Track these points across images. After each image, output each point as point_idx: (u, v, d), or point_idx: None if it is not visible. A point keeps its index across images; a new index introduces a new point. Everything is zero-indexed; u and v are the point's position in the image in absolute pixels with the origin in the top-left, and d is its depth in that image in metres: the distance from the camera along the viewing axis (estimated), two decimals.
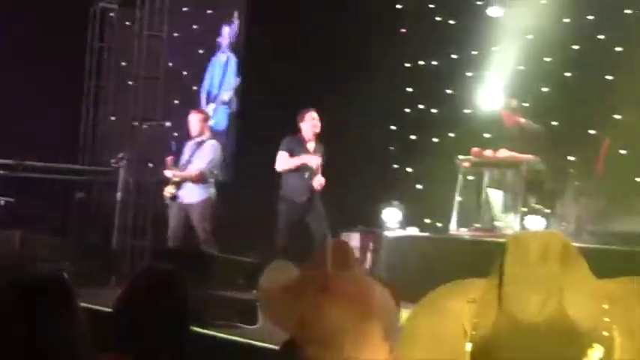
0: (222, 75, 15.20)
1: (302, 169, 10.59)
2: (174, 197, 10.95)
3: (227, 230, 12.06)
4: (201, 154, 11.02)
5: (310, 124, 10.52)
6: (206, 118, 11.52)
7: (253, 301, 7.39)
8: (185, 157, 11.16)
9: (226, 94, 15.06)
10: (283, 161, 10.57)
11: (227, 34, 15.16)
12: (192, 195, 10.90)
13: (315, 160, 10.54)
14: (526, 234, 1.71)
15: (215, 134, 12.08)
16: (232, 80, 15.04)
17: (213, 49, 15.33)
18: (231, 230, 12.43)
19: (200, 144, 11.10)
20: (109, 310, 3.31)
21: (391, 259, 10.51)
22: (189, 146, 11.27)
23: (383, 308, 2.36)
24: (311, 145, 10.59)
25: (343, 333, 2.32)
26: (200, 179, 10.91)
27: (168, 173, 11.08)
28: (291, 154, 10.57)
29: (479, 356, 1.53)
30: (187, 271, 7.29)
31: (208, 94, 15.27)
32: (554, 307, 1.47)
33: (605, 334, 1.50)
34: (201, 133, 11.19)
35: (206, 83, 15.34)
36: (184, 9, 14.97)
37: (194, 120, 11.30)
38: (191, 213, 10.86)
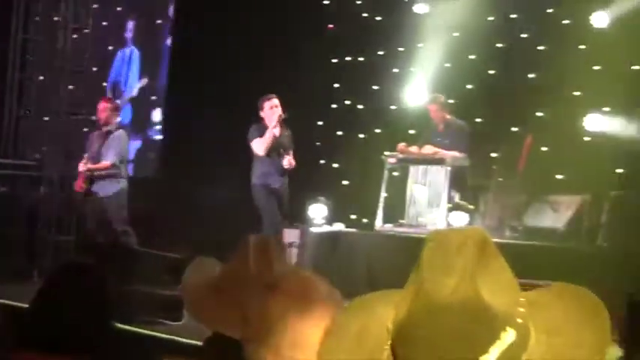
0: (127, 70, 15.18)
1: (272, 153, 10.38)
2: (88, 192, 10.82)
3: (152, 225, 11.99)
4: (110, 145, 10.84)
5: (270, 112, 10.25)
6: (114, 108, 11.31)
7: (178, 297, 7.33)
8: (94, 148, 11.00)
9: (131, 90, 15.01)
10: (259, 145, 10.29)
11: (132, 28, 15.15)
12: (105, 188, 10.76)
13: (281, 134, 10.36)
14: (447, 229, 1.77)
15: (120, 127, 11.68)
16: (136, 75, 15.00)
17: (121, 44, 15.36)
18: (156, 225, 12.36)
19: (107, 134, 10.93)
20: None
21: (317, 254, 10.53)
22: (96, 137, 11.12)
23: (328, 308, 2.33)
24: (276, 131, 10.32)
25: (284, 331, 2.31)
26: (111, 171, 10.77)
27: (81, 167, 10.96)
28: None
29: (396, 339, 1.55)
30: (110, 266, 7.24)
31: (114, 89, 15.23)
32: (468, 290, 1.52)
33: (520, 321, 1.53)
34: (107, 122, 10.98)
35: (111, 78, 15.33)
36: (94, 5, 14.89)
37: (102, 109, 11.14)
38: (107, 206, 10.73)
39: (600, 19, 10.89)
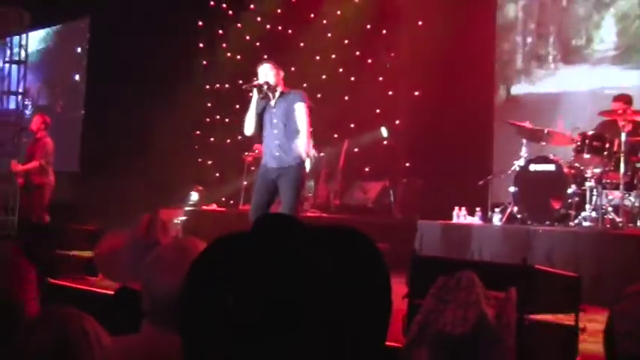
0: None
1: (267, 127, 6.95)
2: (22, 184, 10.45)
3: (78, 207, 11.76)
4: (37, 149, 10.36)
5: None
6: (44, 121, 10.68)
7: (94, 258, 7.20)
8: (27, 152, 10.58)
9: None
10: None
11: None
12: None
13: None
14: None
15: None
16: None
17: None
18: (80, 207, 12.11)
19: (36, 141, 10.43)
20: None
21: (196, 228, 10.44)
22: (29, 142, 10.69)
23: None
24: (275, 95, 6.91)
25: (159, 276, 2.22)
26: (38, 170, 10.15)
27: (14, 167, 10.56)
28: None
29: None
30: (45, 237, 7.04)
31: None
32: None
33: None
34: (37, 131, 10.48)
35: None
36: None
37: (34, 120, 10.67)
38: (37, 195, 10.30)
39: (392, 60, 11.20)
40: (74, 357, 1.63)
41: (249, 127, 7.06)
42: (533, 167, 8.03)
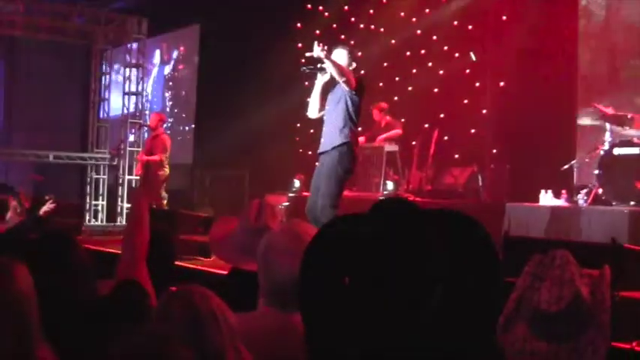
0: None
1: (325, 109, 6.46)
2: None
3: (192, 196, 12.03)
4: (156, 144, 10.62)
5: None
6: (161, 118, 10.95)
7: (208, 242, 7.33)
8: (146, 147, 10.90)
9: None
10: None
11: None
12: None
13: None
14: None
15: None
16: None
17: None
18: (195, 196, 12.40)
19: (155, 137, 10.68)
20: None
21: (298, 212, 10.48)
22: (148, 138, 11.03)
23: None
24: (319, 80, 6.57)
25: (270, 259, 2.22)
26: (158, 163, 10.40)
27: (141, 157, 10.93)
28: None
29: None
30: (168, 223, 7.24)
31: None
32: None
33: None
34: (156, 128, 10.73)
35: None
36: None
37: (152, 118, 10.95)
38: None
39: (478, 53, 10.97)
40: (204, 332, 1.64)
41: (311, 110, 6.59)
42: (617, 151, 7.74)
